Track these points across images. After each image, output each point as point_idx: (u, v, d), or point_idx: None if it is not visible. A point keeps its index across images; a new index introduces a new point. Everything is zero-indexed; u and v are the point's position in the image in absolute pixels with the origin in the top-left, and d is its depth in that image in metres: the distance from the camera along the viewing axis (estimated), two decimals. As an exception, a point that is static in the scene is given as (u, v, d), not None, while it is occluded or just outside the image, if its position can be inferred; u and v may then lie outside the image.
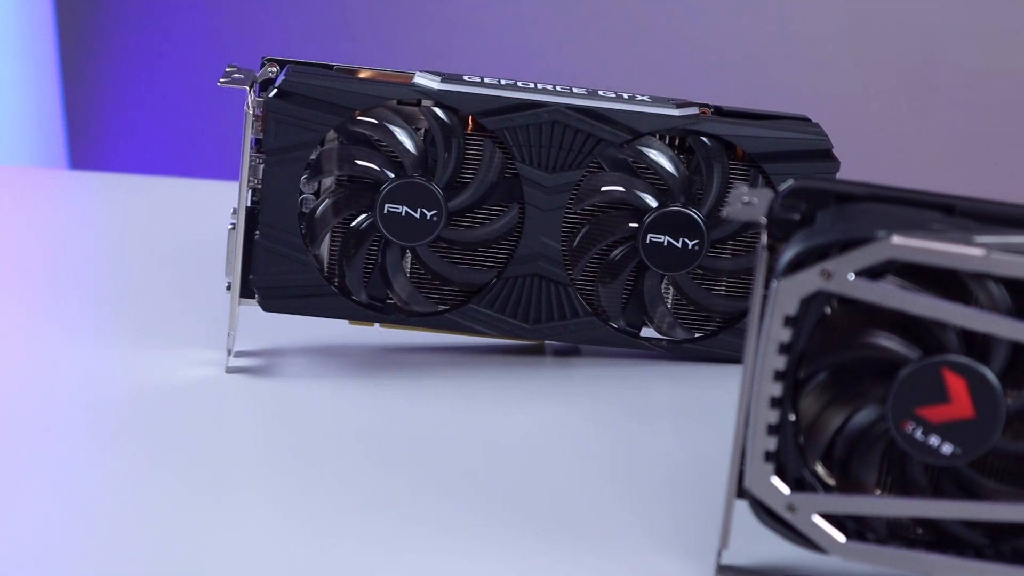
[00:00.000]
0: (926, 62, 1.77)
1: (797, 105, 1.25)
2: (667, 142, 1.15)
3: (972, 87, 1.77)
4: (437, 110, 1.12)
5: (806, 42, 1.78)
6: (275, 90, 1.10)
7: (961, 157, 1.78)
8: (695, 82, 1.71)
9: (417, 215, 1.11)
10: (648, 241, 1.13)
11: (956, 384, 0.76)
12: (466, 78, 1.13)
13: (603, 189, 1.14)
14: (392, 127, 1.11)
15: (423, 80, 1.12)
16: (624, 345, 1.17)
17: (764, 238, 0.79)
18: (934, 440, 0.76)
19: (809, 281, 0.76)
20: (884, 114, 1.80)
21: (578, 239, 1.15)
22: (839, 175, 1.13)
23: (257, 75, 1.11)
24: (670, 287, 1.16)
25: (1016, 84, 1.76)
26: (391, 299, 1.14)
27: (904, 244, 0.75)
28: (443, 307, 1.15)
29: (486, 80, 1.13)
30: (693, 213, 1.13)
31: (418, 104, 1.12)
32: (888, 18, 1.78)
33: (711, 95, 1.22)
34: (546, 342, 1.20)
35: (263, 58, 1.14)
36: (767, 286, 0.78)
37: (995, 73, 1.76)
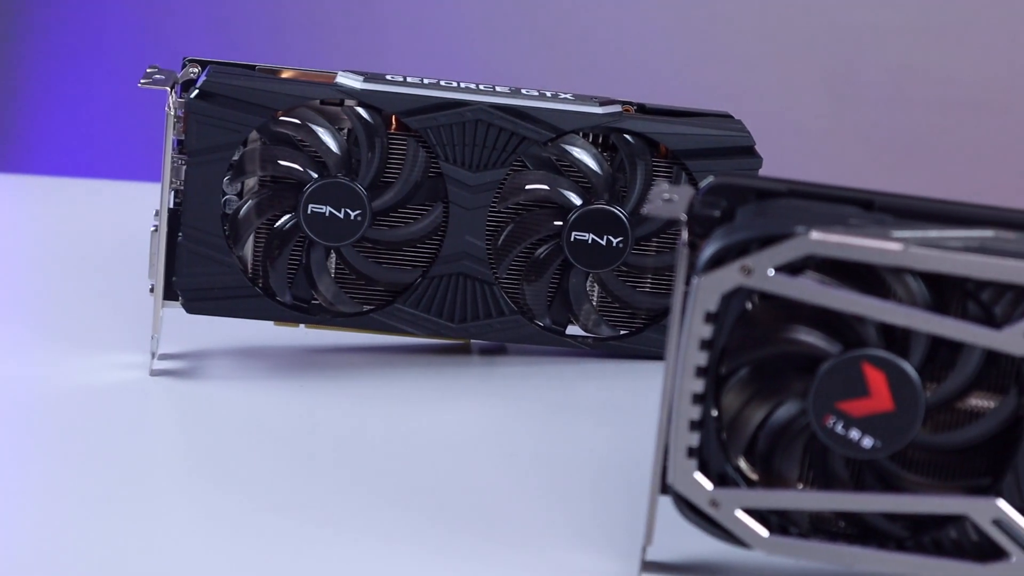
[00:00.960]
0: (849, 59, 1.78)
1: (721, 102, 1.25)
2: (591, 140, 1.15)
3: (894, 84, 1.78)
4: (360, 110, 1.11)
5: (729, 40, 1.79)
6: (196, 91, 1.09)
7: (884, 153, 1.80)
8: (618, 80, 1.71)
9: (341, 215, 1.11)
10: (572, 239, 1.14)
11: (876, 378, 0.76)
12: (389, 77, 1.13)
13: (527, 187, 1.14)
14: (315, 127, 1.11)
15: (346, 80, 1.12)
16: (550, 343, 1.17)
17: (684, 235, 0.79)
18: (855, 434, 0.77)
19: (729, 277, 0.76)
20: (807, 111, 1.81)
21: (503, 238, 1.15)
22: (762, 171, 1.14)
23: (178, 76, 1.11)
24: (595, 284, 1.17)
25: (937, 80, 1.78)
26: (316, 300, 1.14)
27: (822, 239, 0.75)
28: (368, 307, 1.15)
29: (409, 79, 1.13)
30: (617, 210, 1.13)
31: (341, 104, 1.12)
32: (811, 16, 1.79)
33: (634, 93, 1.22)
34: (472, 341, 1.19)
35: (184, 59, 1.13)
36: (688, 283, 0.78)
37: (916, 70, 1.77)
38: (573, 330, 1.18)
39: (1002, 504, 0.77)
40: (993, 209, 0.81)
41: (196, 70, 1.12)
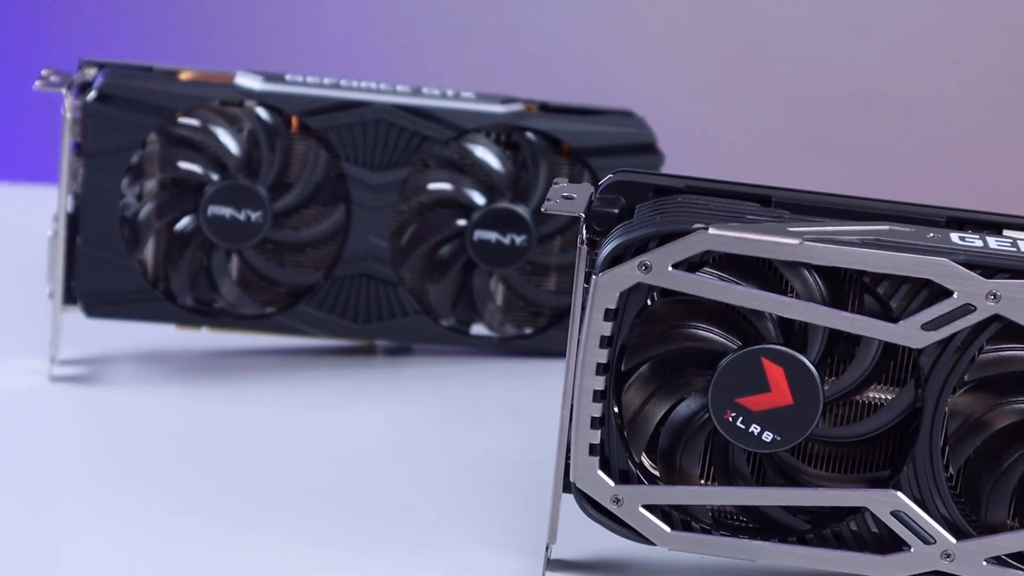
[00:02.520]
0: (755, 56, 1.79)
1: (625, 100, 1.25)
2: (493, 139, 1.15)
3: (801, 80, 1.80)
4: (260, 111, 1.11)
5: (633, 37, 1.79)
6: (93, 93, 1.08)
7: (792, 149, 1.81)
8: (521, 78, 1.71)
9: (242, 217, 1.10)
10: (476, 238, 1.14)
11: (775, 372, 0.77)
12: (288, 78, 1.12)
13: (429, 187, 1.14)
14: (214, 128, 1.10)
15: (245, 80, 1.11)
16: (455, 343, 1.17)
17: (583, 233, 0.79)
18: (755, 428, 0.77)
19: (628, 275, 0.77)
20: (714, 107, 1.82)
21: (406, 237, 1.15)
22: (668, 169, 1.14)
23: (75, 78, 1.10)
24: (499, 283, 1.17)
25: (845, 76, 1.79)
26: (218, 302, 1.13)
27: (720, 235, 0.76)
28: (271, 309, 1.14)
29: (309, 80, 1.12)
30: (520, 209, 1.13)
31: (241, 105, 1.11)
32: (717, 12, 1.80)
33: (537, 91, 1.22)
34: (377, 342, 1.19)
35: (81, 60, 1.12)
36: (588, 280, 0.78)
37: (824, 65, 1.78)
38: (478, 329, 1.18)
39: (901, 496, 0.77)
40: (890, 203, 0.82)
41: (93, 72, 1.11)
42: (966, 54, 1.76)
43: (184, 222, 1.11)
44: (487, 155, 1.14)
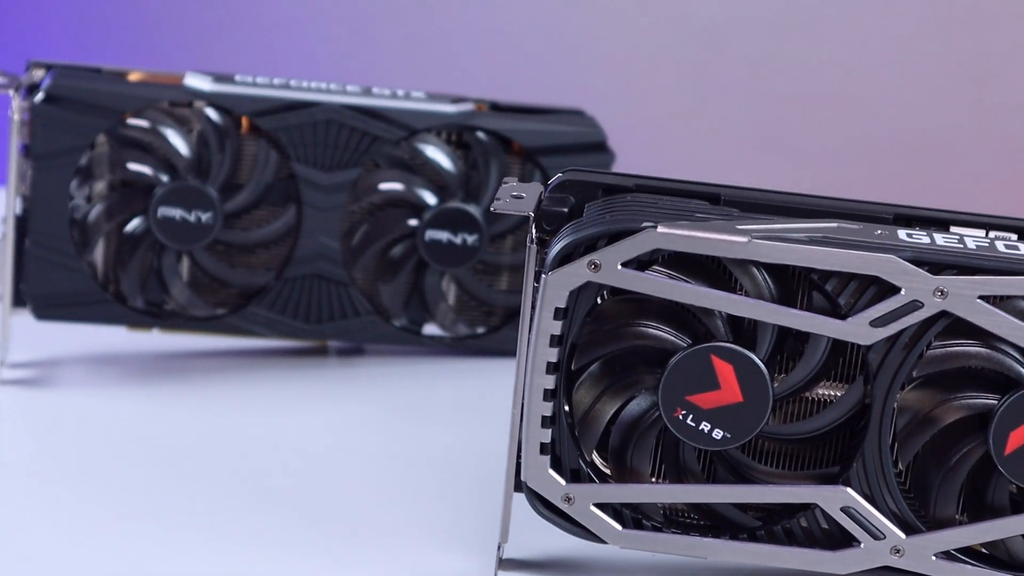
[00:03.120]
0: (708, 53, 1.79)
1: (577, 99, 1.26)
2: (444, 138, 1.15)
3: (753, 77, 1.80)
4: (210, 111, 1.11)
5: (584, 35, 1.79)
6: (41, 94, 1.08)
7: (745, 146, 1.81)
8: (471, 78, 1.71)
9: (192, 218, 1.10)
10: (427, 238, 1.14)
11: (725, 370, 0.77)
12: (238, 78, 1.12)
13: (380, 187, 1.14)
14: (164, 130, 1.10)
15: (194, 81, 1.11)
16: (407, 343, 1.17)
17: (533, 232, 0.80)
18: (705, 426, 0.77)
19: (578, 273, 0.77)
20: (667, 105, 1.82)
21: (357, 238, 1.14)
22: (621, 168, 1.14)
23: (22, 79, 1.09)
24: (451, 283, 1.17)
25: (797, 73, 1.80)
26: (169, 304, 1.13)
27: (669, 233, 0.76)
28: (222, 310, 1.14)
29: (259, 80, 1.12)
30: (471, 209, 1.14)
31: (190, 106, 1.11)
32: (669, 10, 1.80)
33: (487, 90, 1.22)
34: (329, 342, 1.19)
35: (28, 61, 1.12)
36: (537, 280, 0.78)
37: (777, 63, 1.79)
38: (431, 329, 1.18)
39: (850, 492, 0.78)
40: (838, 200, 0.82)
41: (41, 73, 1.10)
42: (917, 51, 1.77)
43: (134, 224, 1.11)
44: (438, 155, 1.14)
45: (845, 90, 1.78)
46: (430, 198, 1.14)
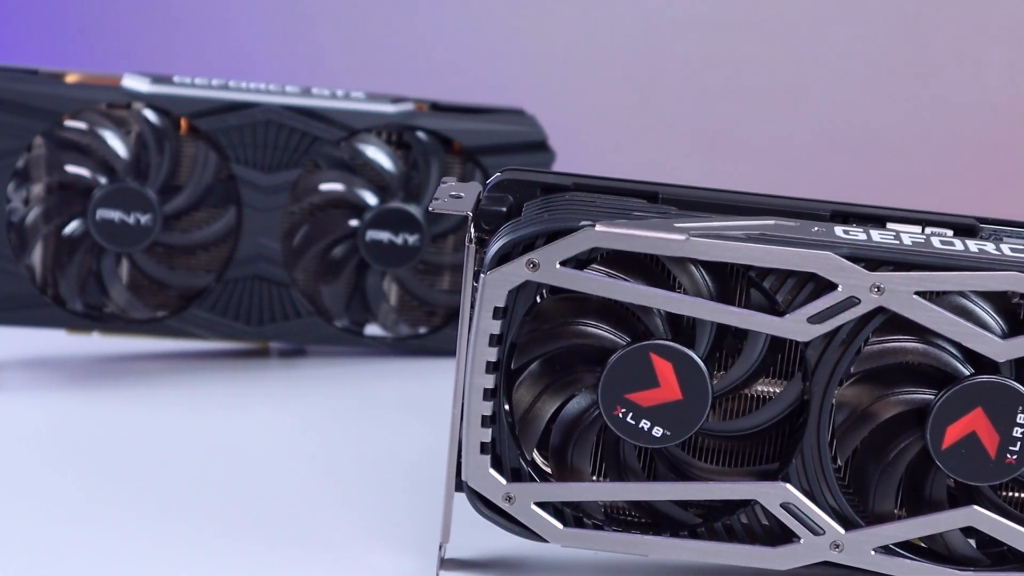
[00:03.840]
0: (649, 51, 1.80)
1: (519, 99, 1.26)
2: (384, 138, 1.15)
3: (695, 75, 1.81)
4: (148, 113, 1.10)
5: (524, 34, 1.79)
6: (-23, 96, 1.07)
7: (687, 144, 1.82)
8: (411, 78, 1.71)
9: (131, 220, 1.09)
10: (368, 238, 1.13)
11: (664, 368, 0.77)
12: (177, 79, 1.12)
13: (321, 188, 1.14)
14: (102, 131, 1.09)
15: (132, 83, 1.10)
16: (349, 343, 1.17)
17: (471, 232, 0.79)
18: (645, 424, 0.77)
19: (516, 272, 0.77)
20: (608, 104, 1.83)
21: (298, 239, 1.14)
22: (565, 167, 1.15)
23: (-43, 82, 1.08)
24: (393, 283, 1.16)
25: (737, 71, 1.80)
26: (108, 307, 1.12)
27: (607, 232, 0.76)
28: (163, 313, 1.13)
29: (197, 81, 1.12)
30: (412, 209, 1.13)
31: (128, 107, 1.10)
32: (610, 8, 1.80)
33: (427, 90, 1.22)
34: (270, 344, 1.19)
35: (-37, 64, 1.11)
36: (477, 279, 0.78)
37: (717, 60, 1.79)
38: (372, 330, 1.18)
39: (790, 488, 0.78)
40: (775, 198, 0.82)
41: (-25, 75, 1.10)
42: (859, 48, 1.78)
43: (72, 226, 1.10)
44: (378, 155, 1.14)
45: (785, 87, 1.79)
46: (371, 198, 1.14)
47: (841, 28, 1.79)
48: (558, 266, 0.76)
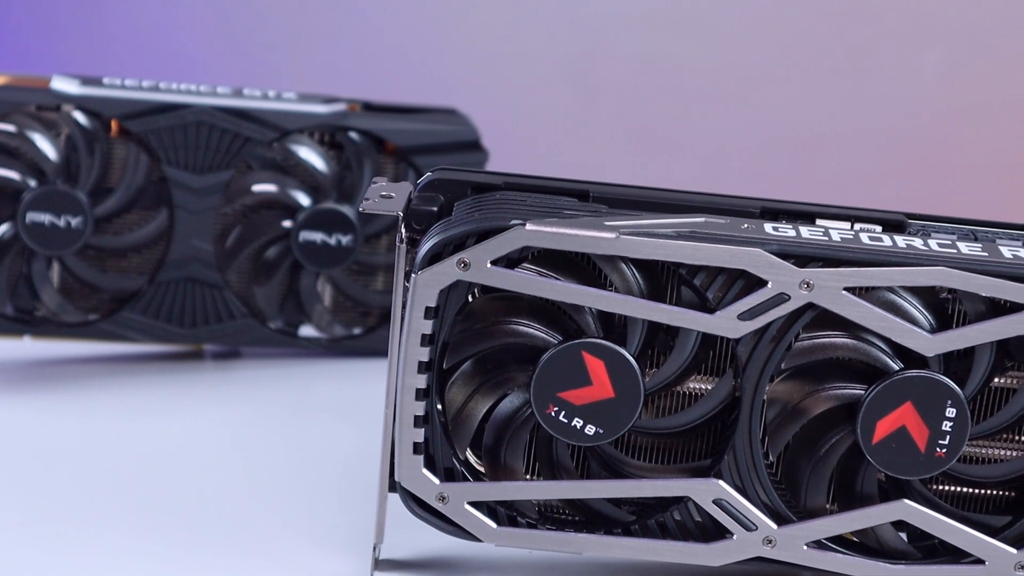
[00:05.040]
0: (586, 51, 1.80)
1: (454, 99, 1.26)
2: (316, 139, 1.14)
3: (632, 75, 1.81)
4: (78, 115, 1.09)
5: (457, 33, 1.79)
6: (-97, 100, 1.06)
7: (625, 143, 1.82)
8: (343, 78, 1.70)
9: (62, 223, 1.08)
10: (301, 239, 1.13)
11: (596, 366, 0.77)
12: (106, 81, 1.11)
13: (253, 189, 1.13)
14: (31, 134, 1.08)
15: (61, 84, 1.10)
16: (283, 345, 1.16)
17: (402, 232, 0.79)
18: (577, 422, 0.78)
19: (447, 272, 0.77)
20: (542, 103, 1.83)
21: (231, 240, 1.14)
22: (504, 167, 1.15)
23: None
24: (327, 284, 1.16)
25: (670, 69, 1.81)
26: (40, 311, 1.11)
27: (537, 231, 0.76)
28: (95, 316, 1.12)
29: (127, 82, 1.11)
30: (345, 209, 1.13)
31: (58, 109, 1.09)
32: (547, 7, 1.80)
33: (359, 90, 1.22)
34: (204, 346, 1.18)
35: None
36: (408, 279, 0.78)
37: (654, 60, 1.80)
38: (307, 331, 1.18)
39: (722, 484, 0.78)
40: (705, 195, 0.82)
41: (-98, 78, 1.09)
42: (788, 46, 1.79)
43: (2, 230, 1.09)
44: (311, 156, 1.14)
45: (717, 86, 1.80)
46: (303, 199, 1.14)
47: (774, 27, 1.80)
48: (489, 265, 0.76)
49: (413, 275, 0.77)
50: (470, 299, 0.79)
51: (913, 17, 1.78)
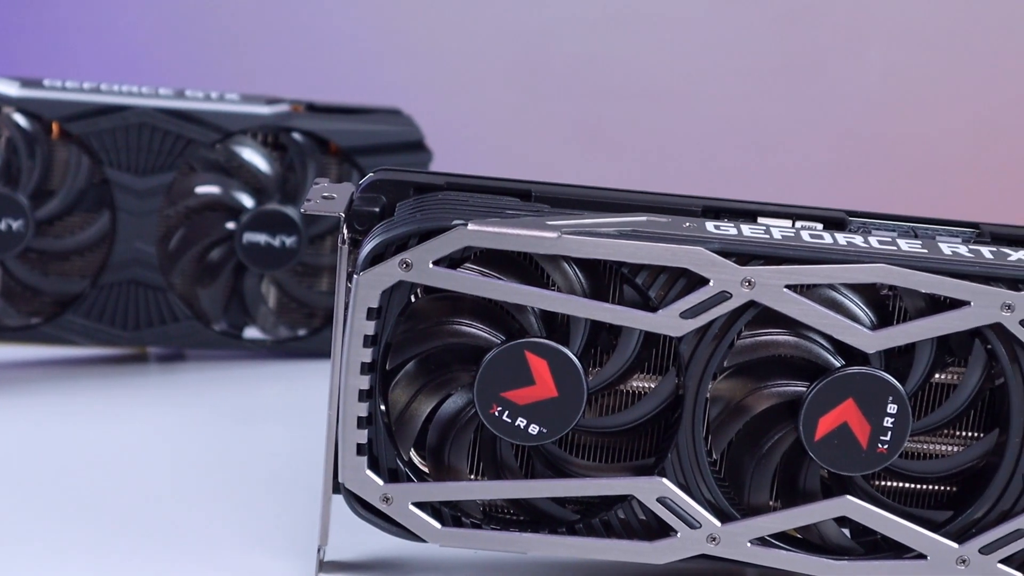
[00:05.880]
0: (532, 51, 1.80)
1: (395, 98, 1.26)
2: (260, 140, 1.14)
3: (577, 75, 1.81)
4: (18, 117, 1.09)
5: (401, 34, 1.79)
6: None
7: (571, 143, 1.82)
8: (286, 79, 1.70)
9: (2, 227, 1.08)
10: (245, 241, 1.13)
11: (539, 365, 0.77)
12: (47, 83, 1.10)
13: (196, 190, 1.13)
14: (-30, 137, 1.08)
15: (1, 86, 1.09)
16: (228, 347, 1.16)
17: (344, 232, 0.79)
18: (521, 422, 0.78)
19: (390, 273, 0.76)
20: (490, 104, 1.83)
21: (174, 242, 1.13)
22: (449, 167, 1.15)
23: None
24: (271, 286, 1.16)
25: (613, 68, 1.81)
26: (-20, 315, 1.11)
27: (479, 231, 0.76)
28: (37, 319, 1.12)
29: (68, 84, 1.11)
30: (289, 211, 1.13)
31: (-2, 112, 1.09)
32: (492, 8, 1.80)
33: (303, 91, 1.21)
34: (149, 349, 1.17)
35: None
36: (350, 280, 0.78)
37: (597, 59, 1.80)
38: (252, 333, 1.17)
39: (666, 482, 0.78)
40: (647, 194, 0.83)
41: None
42: (731, 45, 1.80)
43: (-59, 234, 1.09)
44: (254, 157, 1.13)
45: (660, 84, 1.80)
46: (247, 201, 1.13)
47: (718, 25, 1.80)
48: (431, 265, 0.76)
49: (355, 276, 0.77)
50: (413, 299, 0.79)
51: (856, 17, 1.79)
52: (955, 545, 0.79)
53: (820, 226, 0.82)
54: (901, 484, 0.82)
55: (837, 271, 0.76)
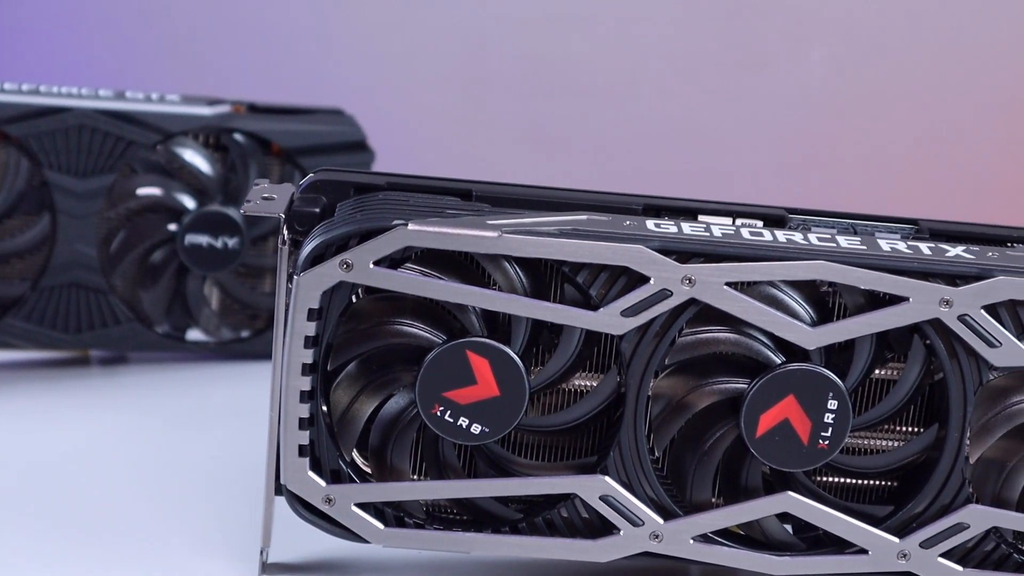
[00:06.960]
0: (475, 49, 1.80)
1: (337, 98, 1.25)
2: (201, 141, 1.14)
3: (520, 73, 1.81)
4: (-46, 120, 1.08)
5: (343, 33, 1.79)
6: None
7: (516, 142, 1.82)
8: (227, 79, 1.69)
9: (-60, 231, 1.07)
10: (187, 242, 1.12)
11: (480, 365, 0.77)
12: (-16, 84, 1.10)
13: (137, 192, 1.13)
14: (-93, 139, 1.07)
15: (-62, 89, 1.08)
16: (171, 349, 1.15)
17: (284, 233, 0.79)
18: (463, 421, 0.78)
19: (330, 273, 0.76)
20: (433, 103, 1.83)
21: (115, 244, 1.13)
22: (392, 167, 1.15)
23: None
24: (214, 287, 1.15)
25: (558, 68, 1.81)
26: (-81, 320, 1.10)
27: (419, 231, 0.76)
28: (-24, 324, 1.11)
29: (6, 86, 1.10)
30: (231, 212, 1.13)
31: (-67, 114, 1.08)
32: (434, 6, 1.80)
33: (244, 91, 1.21)
34: (90, 351, 1.17)
35: None
36: (291, 281, 0.78)
37: (539, 58, 1.80)
38: (195, 335, 1.17)
39: (608, 480, 0.79)
40: (588, 193, 0.83)
41: None
42: (674, 43, 1.80)
43: None
44: (195, 158, 1.13)
45: (601, 83, 1.81)
46: (189, 202, 1.13)
47: (660, 25, 1.81)
48: (372, 266, 0.76)
49: (295, 277, 0.77)
50: (353, 300, 0.78)
51: (798, 15, 1.80)
52: (896, 540, 0.79)
53: (760, 223, 0.82)
54: (842, 480, 0.82)
55: (777, 268, 0.77)
